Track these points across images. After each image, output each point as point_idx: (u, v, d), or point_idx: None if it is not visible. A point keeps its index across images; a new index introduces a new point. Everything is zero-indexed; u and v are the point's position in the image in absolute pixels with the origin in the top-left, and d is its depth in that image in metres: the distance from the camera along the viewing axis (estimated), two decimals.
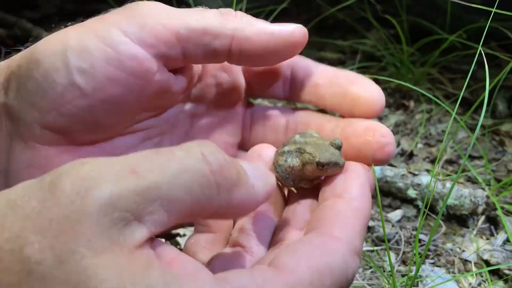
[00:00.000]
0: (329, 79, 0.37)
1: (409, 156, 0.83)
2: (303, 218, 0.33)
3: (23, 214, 0.21)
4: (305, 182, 0.34)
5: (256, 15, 0.34)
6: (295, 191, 0.35)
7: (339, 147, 0.33)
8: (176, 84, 0.36)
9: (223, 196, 0.24)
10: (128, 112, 0.34)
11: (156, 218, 0.22)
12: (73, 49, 0.31)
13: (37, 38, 0.32)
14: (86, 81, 0.31)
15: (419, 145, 0.86)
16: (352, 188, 0.30)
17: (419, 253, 0.62)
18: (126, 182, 0.22)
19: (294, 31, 0.34)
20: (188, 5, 0.98)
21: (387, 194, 0.72)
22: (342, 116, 0.38)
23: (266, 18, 0.91)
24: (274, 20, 0.38)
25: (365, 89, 0.35)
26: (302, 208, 0.34)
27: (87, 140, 0.35)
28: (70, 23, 0.34)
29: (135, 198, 0.21)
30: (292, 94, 0.40)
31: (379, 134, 0.33)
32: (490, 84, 0.54)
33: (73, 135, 0.34)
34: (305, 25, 0.35)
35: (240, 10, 0.35)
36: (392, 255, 0.63)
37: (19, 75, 0.32)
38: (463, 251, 0.63)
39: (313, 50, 1.15)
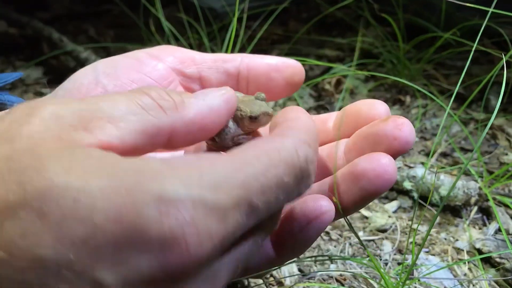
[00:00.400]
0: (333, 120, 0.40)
1: None
2: None
3: None
4: (242, 136, 0.36)
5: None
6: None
7: (264, 99, 0.37)
8: None
9: (172, 113, 0.28)
10: None
11: (107, 131, 0.25)
12: (102, 62, 0.38)
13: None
14: (109, 81, 0.37)
15: (415, 139, 0.88)
16: (291, 113, 0.31)
17: (414, 242, 0.63)
18: (75, 104, 0.25)
19: (291, 59, 0.40)
20: (192, 4, 1.00)
21: None
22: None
23: (267, 17, 0.91)
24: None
25: (362, 103, 0.36)
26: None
27: None
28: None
29: (82, 113, 0.25)
30: None
31: (394, 117, 0.33)
32: (483, 80, 0.57)
33: None
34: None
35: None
36: (389, 244, 0.64)
37: (55, 90, 0.38)
38: (457, 240, 0.65)
39: (313, 47, 1.17)
